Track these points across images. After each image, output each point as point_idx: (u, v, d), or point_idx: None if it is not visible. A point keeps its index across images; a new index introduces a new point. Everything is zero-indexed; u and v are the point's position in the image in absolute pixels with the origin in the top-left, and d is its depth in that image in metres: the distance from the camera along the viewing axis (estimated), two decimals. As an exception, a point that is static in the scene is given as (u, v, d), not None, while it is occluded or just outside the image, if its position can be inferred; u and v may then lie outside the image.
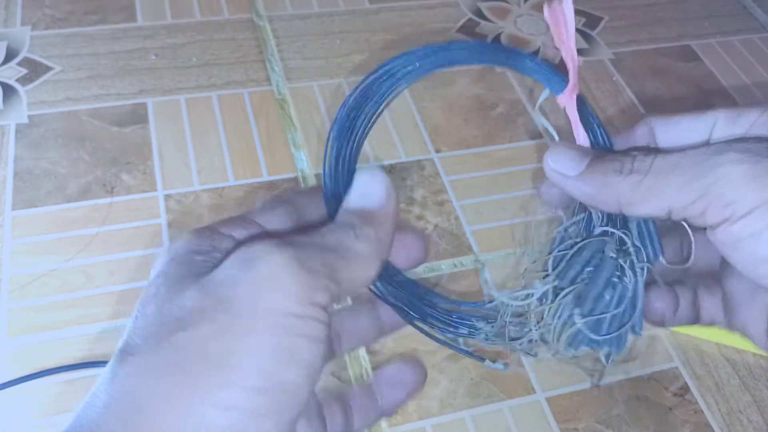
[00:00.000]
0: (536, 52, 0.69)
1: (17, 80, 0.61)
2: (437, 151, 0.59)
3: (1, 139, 0.56)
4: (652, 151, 0.30)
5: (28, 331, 0.46)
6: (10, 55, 0.62)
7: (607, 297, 0.29)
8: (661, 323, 0.32)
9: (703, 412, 0.46)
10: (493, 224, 0.55)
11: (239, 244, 0.27)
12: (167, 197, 0.54)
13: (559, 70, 0.32)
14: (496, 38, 0.70)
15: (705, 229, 0.29)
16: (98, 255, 0.50)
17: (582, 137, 0.32)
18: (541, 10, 0.74)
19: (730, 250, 0.27)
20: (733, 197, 0.26)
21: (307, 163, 0.57)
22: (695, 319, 0.33)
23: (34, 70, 0.62)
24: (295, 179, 0.56)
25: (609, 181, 0.29)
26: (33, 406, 0.43)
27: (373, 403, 0.32)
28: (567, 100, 0.32)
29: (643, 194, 0.28)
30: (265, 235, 0.29)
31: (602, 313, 0.29)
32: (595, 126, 0.32)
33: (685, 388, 0.47)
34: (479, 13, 0.73)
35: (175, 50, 0.65)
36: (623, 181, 0.29)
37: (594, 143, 0.32)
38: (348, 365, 0.46)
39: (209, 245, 0.27)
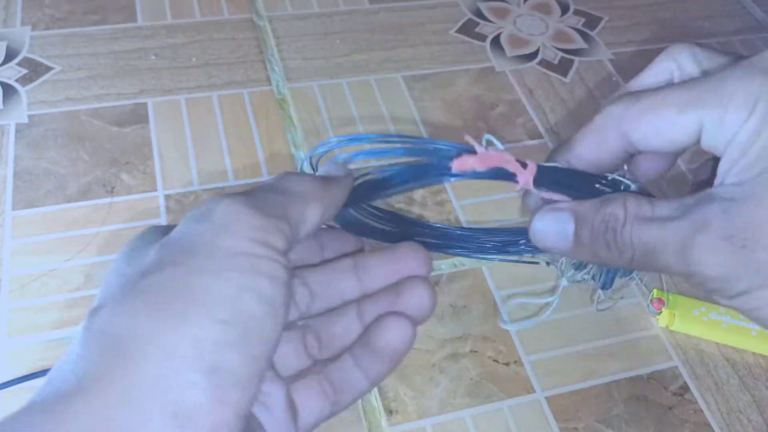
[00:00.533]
0: (536, 53, 0.69)
1: (17, 80, 0.61)
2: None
3: (1, 138, 0.56)
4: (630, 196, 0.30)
5: (28, 331, 0.46)
6: (10, 55, 0.63)
7: None
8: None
9: (702, 411, 0.46)
10: (493, 224, 0.55)
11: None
12: (167, 197, 0.54)
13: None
14: (496, 38, 0.70)
15: None
16: (98, 255, 0.50)
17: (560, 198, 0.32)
18: (541, 10, 0.74)
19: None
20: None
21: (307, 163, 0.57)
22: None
23: (34, 70, 0.62)
24: (295, 179, 0.56)
25: (602, 257, 0.30)
26: (33, 406, 0.43)
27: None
28: (525, 183, 0.32)
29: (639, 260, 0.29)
30: None
31: None
32: (562, 178, 0.32)
33: (685, 388, 0.47)
34: (479, 13, 0.73)
35: (175, 50, 0.65)
36: (617, 259, 0.29)
37: (574, 195, 0.32)
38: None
39: (163, 227, 0.28)
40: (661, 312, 0.49)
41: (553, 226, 0.31)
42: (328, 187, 0.29)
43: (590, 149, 0.31)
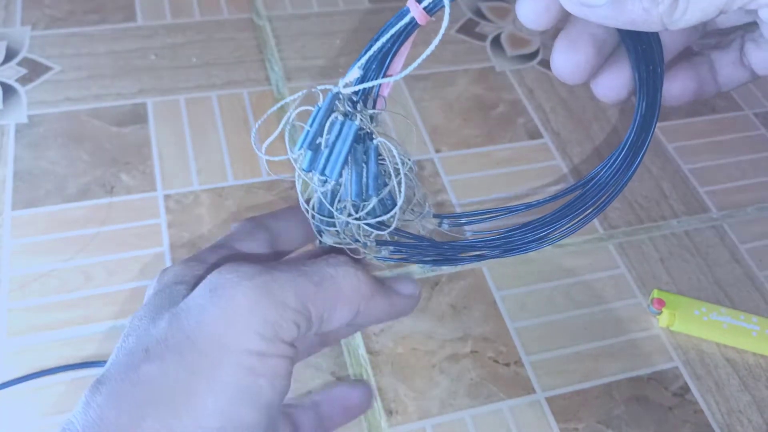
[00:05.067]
0: (536, 52, 0.69)
1: (17, 80, 0.61)
2: (437, 151, 0.59)
3: (0, 138, 0.56)
4: None
5: (28, 331, 0.46)
6: (9, 55, 0.62)
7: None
8: (688, 97, 0.29)
9: (703, 412, 0.46)
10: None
11: (212, 267, 0.27)
12: (167, 197, 0.54)
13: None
14: (496, 38, 0.70)
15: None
16: (98, 255, 0.50)
17: None
18: (541, 10, 0.74)
19: None
20: None
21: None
22: (717, 88, 0.29)
23: (34, 70, 0.62)
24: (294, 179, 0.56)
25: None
26: (33, 406, 0.43)
27: (318, 424, 0.32)
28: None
29: None
30: (243, 258, 0.29)
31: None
32: None
33: (685, 388, 0.47)
34: (479, 13, 0.73)
35: (174, 50, 0.65)
36: None
37: None
38: (348, 365, 0.46)
39: (192, 276, 0.28)
40: (661, 312, 0.49)
41: None
42: (384, 295, 0.28)
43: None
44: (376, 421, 0.44)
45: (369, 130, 0.29)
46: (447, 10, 0.28)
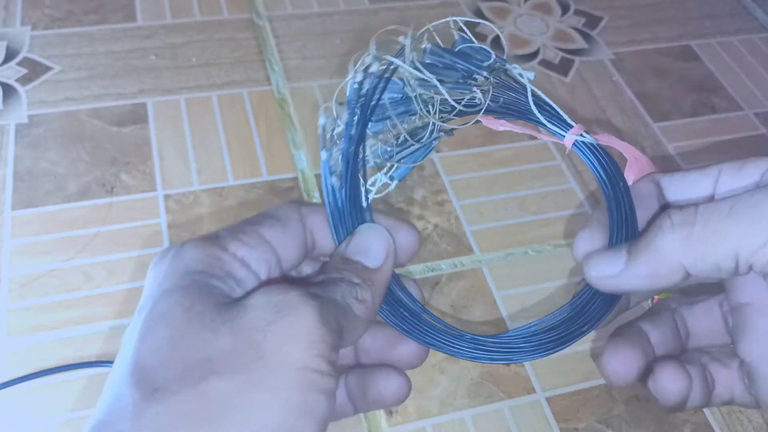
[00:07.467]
0: (537, 52, 0.69)
1: (17, 80, 0.61)
2: (437, 151, 0.59)
3: (0, 138, 0.56)
4: (684, 205, 0.28)
5: (28, 331, 0.46)
6: (9, 55, 0.62)
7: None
8: (679, 406, 0.31)
9: (703, 411, 0.46)
10: (493, 224, 0.55)
11: (263, 284, 0.28)
12: (167, 197, 0.54)
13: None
14: (496, 38, 0.70)
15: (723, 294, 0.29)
16: (98, 255, 0.50)
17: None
18: (542, 10, 0.74)
19: None
20: None
21: (306, 163, 0.57)
22: (709, 399, 0.31)
23: (34, 70, 0.62)
24: (294, 179, 0.56)
25: (658, 246, 0.27)
26: (33, 406, 0.43)
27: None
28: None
29: (703, 244, 0.27)
30: (284, 280, 0.29)
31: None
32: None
33: (685, 388, 0.47)
34: (479, 13, 0.73)
35: (174, 50, 0.65)
36: (673, 238, 0.27)
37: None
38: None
39: (222, 270, 0.27)
40: (661, 312, 0.49)
41: (607, 252, 0.30)
42: (375, 310, 0.29)
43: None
44: (376, 421, 0.44)
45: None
46: None
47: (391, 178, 0.32)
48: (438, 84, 0.30)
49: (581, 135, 0.32)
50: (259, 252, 0.28)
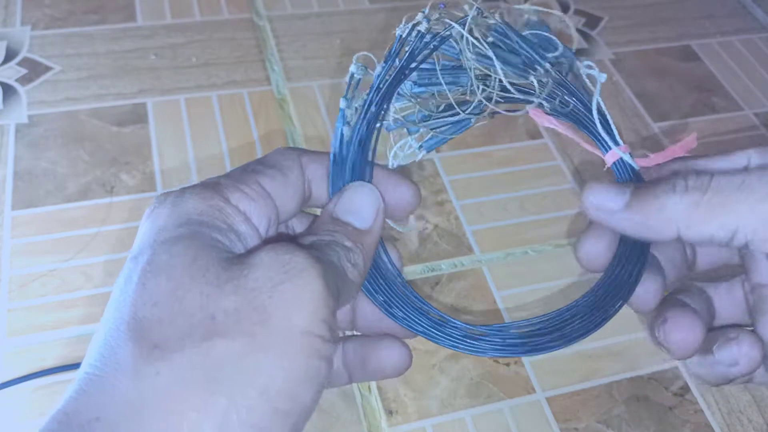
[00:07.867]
0: (536, 52, 0.69)
1: (17, 80, 0.61)
2: (437, 151, 0.59)
3: (0, 138, 0.56)
4: (701, 172, 0.28)
5: (28, 331, 0.46)
6: (9, 55, 0.62)
7: None
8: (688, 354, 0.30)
9: (703, 411, 0.46)
10: (493, 224, 0.55)
11: (265, 241, 0.27)
12: (167, 197, 0.53)
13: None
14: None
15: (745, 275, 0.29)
16: (98, 255, 0.50)
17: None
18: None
19: None
20: None
21: (307, 163, 0.57)
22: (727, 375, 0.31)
23: (34, 70, 0.62)
24: (295, 179, 0.56)
25: (663, 203, 0.27)
26: (33, 406, 0.43)
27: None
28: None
29: (705, 213, 0.26)
30: (282, 238, 0.28)
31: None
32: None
33: (686, 388, 0.47)
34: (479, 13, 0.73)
35: (174, 50, 0.65)
36: (680, 201, 0.27)
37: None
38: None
39: (224, 222, 0.26)
40: (661, 312, 0.49)
41: (613, 186, 0.29)
42: (365, 275, 0.29)
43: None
44: (376, 421, 0.44)
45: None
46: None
47: (420, 147, 0.31)
48: (498, 64, 0.29)
49: (627, 155, 0.31)
50: (260, 205, 0.27)
